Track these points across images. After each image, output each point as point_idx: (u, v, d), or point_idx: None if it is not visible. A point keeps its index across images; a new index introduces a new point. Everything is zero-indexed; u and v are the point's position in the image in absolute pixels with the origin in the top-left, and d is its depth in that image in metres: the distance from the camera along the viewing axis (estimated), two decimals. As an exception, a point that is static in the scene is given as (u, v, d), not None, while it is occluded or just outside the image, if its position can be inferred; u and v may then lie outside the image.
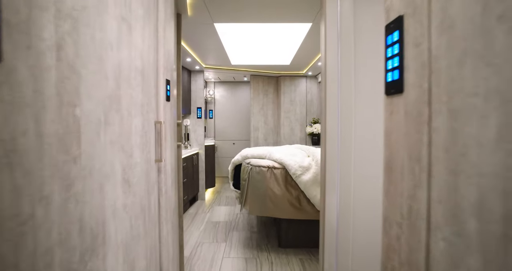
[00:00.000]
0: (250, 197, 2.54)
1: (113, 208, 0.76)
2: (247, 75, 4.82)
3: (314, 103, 4.79)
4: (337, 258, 1.16)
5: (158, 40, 1.16)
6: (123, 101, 0.83)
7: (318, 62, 3.79)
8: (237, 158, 2.89)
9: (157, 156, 1.12)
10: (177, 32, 2.00)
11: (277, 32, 2.98)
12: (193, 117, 4.13)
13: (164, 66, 1.22)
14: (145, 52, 1.01)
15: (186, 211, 3.59)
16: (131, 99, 0.89)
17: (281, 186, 2.47)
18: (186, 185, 3.46)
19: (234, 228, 3.06)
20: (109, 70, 0.74)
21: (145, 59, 1.01)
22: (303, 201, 2.45)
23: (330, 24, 1.22)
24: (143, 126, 0.99)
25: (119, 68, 0.80)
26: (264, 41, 3.30)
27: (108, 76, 0.74)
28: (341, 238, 1.16)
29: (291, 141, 4.78)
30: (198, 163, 4.09)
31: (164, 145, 1.18)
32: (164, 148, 1.18)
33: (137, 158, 0.93)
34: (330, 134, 1.17)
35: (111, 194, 0.75)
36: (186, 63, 3.64)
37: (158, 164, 1.15)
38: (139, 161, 0.95)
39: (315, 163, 2.54)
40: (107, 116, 0.73)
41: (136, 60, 0.93)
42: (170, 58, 1.35)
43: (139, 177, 0.94)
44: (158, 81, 1.16)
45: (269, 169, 2.51)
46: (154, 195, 1.11)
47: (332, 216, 1.21)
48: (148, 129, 1.04)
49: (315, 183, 2.44)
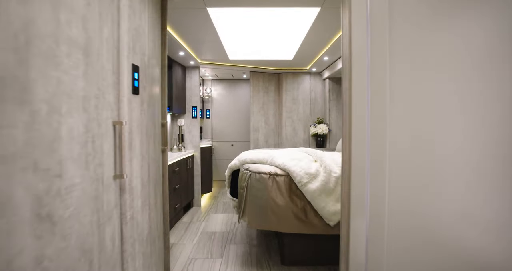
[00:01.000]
0: (249, 208, 2.22)
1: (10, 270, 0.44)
2: (246, 72, 4.49)
3: (318, 102, 4.47)
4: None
5: (120, 10, 0.84)
6: (38, 89, 0.51)
7: (324, 57, 3.46)
8: (234, 163, 2.57)
9: (116, 170, 0.81)
10: (162, 16, 1.68)
11: (279, 21, 2.66)
12: (188, 117, 3.81)
13: (130, 47, 0.90)
14: (91, 21, 0.69)
15: (179, 220, 3.27)
16: (59, 88, 0.57)
17: (285, 196, 2.15)
18: (178, 192, 3.14)
19: (232, 240, 2.75)
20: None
21: (92, 31, 0.69)
22: (310, 213, 2.14)
23: (357, 4, 0.91)
24: (88, 129, 0.67)
25: (24, 34, 0.48)
26: (265, 32, 2.97)
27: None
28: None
29: (293, 142, 4.45)
30: (193, 167, 3.77)
31: (129, 154, 0.87)
32: (129, 158, 0.86)
33: (73, 177, 0.61)
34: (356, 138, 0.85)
35: (6, 243, 0.43)
36: (179, 57, 3.32)
37: (120, 180, 0.83)
38: (78, 182, 0.63)
39: (324, 169, 2.22)
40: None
41: (72, 29, 0.61)
42: (141, 39, 1.03)
43: (77, 206, 0.62)
44: (120, 66, 0.84)
45: (270, 176, 2.19)
46: (112, 225, 0.79)
47: (359, 248, 0.89)
48: (98, 133, 0.72)
49: (324, 192, 2.12)
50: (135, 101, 0.93)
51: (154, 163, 1.31)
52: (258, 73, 4.50)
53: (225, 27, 2.80)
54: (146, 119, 1.07)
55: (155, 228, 1.40)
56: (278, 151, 2.87)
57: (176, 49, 3.02)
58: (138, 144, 0.95)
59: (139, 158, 0.96)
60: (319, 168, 2.23)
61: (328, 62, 3.72)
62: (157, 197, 1.47)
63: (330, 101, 4.28)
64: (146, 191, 1.07)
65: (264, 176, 2.18)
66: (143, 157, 1.01)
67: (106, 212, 0.75)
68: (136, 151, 0.93)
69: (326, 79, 4.33)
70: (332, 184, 2.14)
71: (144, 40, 1.06)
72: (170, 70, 3.29)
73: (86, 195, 0.66)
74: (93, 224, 0.68)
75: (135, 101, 0.92)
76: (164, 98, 1.69)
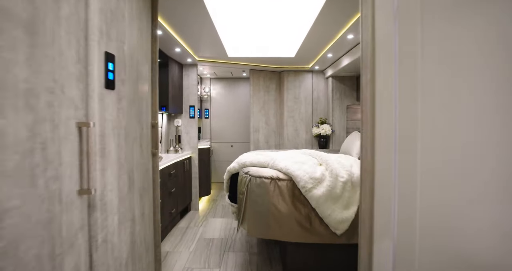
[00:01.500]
0: (249, 215, 2.06)
1: None
2: (246, 70, 4.33)
3: (321, 101, 4.30)
4: None
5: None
6: None
7: (328, 54, 3.29)
8: (233, 166, 2.40)
9: (83, 184, 0.64)
10: (153, 6, 1.52)
11: (281, 14, 2.49)
12: (185, 117, 3.64)
13: (103, 32, 0.74)
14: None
15: (175, 225, 3.11)
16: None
17: (287, 202, 1.99)
18: (175, 196, 2.98)
19: (230, 248, 2.58)
20: None
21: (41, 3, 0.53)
22: (315, 220, 1.97)
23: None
24: (36, 132, 0.51)
25: None
26: (265, 27, 2.81)
27: None
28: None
29: (295, 143, 4.29)
30: (190, 169, 3.60)
31: (101, 162, 0.70)
32: (100, 168, 0.70)
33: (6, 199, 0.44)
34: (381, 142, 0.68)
35: None
36: (176, 54, 3.15)
37: (88, 197, 0.67)
38: (16, 205, 0.46)
39: (329, 173, 2.05)
40: None
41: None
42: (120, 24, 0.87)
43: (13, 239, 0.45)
44: (89, 54, 0.68)
45: (272, 181, 2.02)
46: (76, 254, 0.62)
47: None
48: (53, 137, 0.55)
49: (330, 198, 1.95)
50: (110, 97, 0.76)
51: (140, 169, 1.14)
52: (259, 71, 4.34)
53: (223, 21, 2.64)
54: (126, 119, 0.90)
55: (142, 243, 1.23)
56: (280, 153, 2.70)
57: (172, 45, 2.86)
58: (114, 149, 0.78)
59: (116, 166, 0.80)
60: (324, 172, 2.06)
61: (332, 59, 3.55)
62: (145, 207, 1.30)
63: (333, 101, 4.11)
64: (126, 204, 0.90)
65: (265, 181, 2.02)
66: (122, 164, 0.84)
67: (66, 238, 0.59)
68: (111, 158, 0.76)
69: (329, 78, 4.17)
70: (339, 189, 1.97)
71: (124, 26, 0.90)
72: (166, 68, 3.12)
73: (30, 221, 0.49)
74: (43, 258, 0.52)
75: (109, 98, 0.76)
76: (155, 96, 1.52)
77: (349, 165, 2.17)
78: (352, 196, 2.00)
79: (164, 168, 2.64)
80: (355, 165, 2.21)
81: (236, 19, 2.64)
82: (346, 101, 4.11)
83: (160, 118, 3.28)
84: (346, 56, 3.27)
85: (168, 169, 2.75)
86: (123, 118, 0.85)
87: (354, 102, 4.10)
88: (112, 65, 0.75)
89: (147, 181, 1.20)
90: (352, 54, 3.08)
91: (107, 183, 0.73)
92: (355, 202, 1.98)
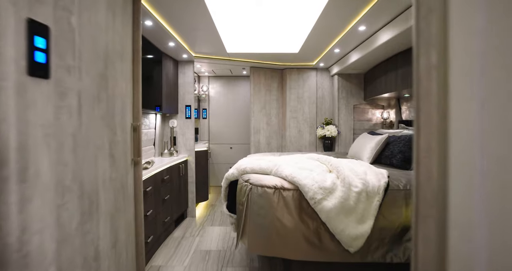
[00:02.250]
0: (250, 229, 1.81)
1: None
2: (246, 67, 4.08)
3: (326, 100, 4.04)
4: None
5: None
6: None
7: (335, 49, 3.04)
8: (232, 172, 2.15)
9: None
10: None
11: (284, 6, 2.24)
12: (181, 117, 3.39)
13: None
14: None
15: (169, 235, 2.86)
16: None
17: (293, 215, 1.75)
18: (169, 203, 2.73)
19: (229, 262, 2.34)
20: None
21: None
22: (325, 236, 1.73)
23: None
24: None
25: None
26: (267, 19, 2.56)
27: None
28: None
29: (298, 145, 4.03)
30: (186, 173, 3.35)
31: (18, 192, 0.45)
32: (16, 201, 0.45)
33: None
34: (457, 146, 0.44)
35: None
36: (170, 49, 2.90)
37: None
38: None
39: (342, 182, 1.80)
40: None
41: None
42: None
43: None
44: None
45: (276, 190, 1.78)
46: None
47: None
48: None
49: (342, 211, 1.71)
50: (40, 90, 0.52)
51: (110, 186, 0.89)
52: (259, 69, 4.08)
53: (222, 13, 2.39)
54: (80, 122, 0.65)
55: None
56: (283, 158, 2.45)
57: (165, 40, 2.60)
58: (47, 167, 0.54)
59: (51, 193, 0.55)
60: (335, 181, 1.81)
61: (339, 55, 3.30)
62: (119, 233, 1.05)
63: (339, 100, 3.86)
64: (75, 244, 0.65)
65: (268, 190, 1.77)
66: (67, 188, 0.60)
67: None
68: (40, 182, 0.52)
69: (335, 76, 3.91)
70: (353, 200, 1.72)
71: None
72: (159, 64, 2.87)
73: None
74: None
75: (39, 91, 0.51)
76: (137, 93, 1.27)
77: (363, 172, 1.92)
78: (367, 208, 1.75)
79: (157, 174, 2.40)
80: (369, 172, 1.96)
81: (235, 11, 2.39)
82: (353, 101, 3.85)
83: (154, 119, 3.02)
84: (355, 51, 3.02)
85: (161, 174, 2.50)
86: (70, 122, 0.61)
87: (361, 101, 3.85)
88: (43, 41, 0.50)
89: (122, 199, 0.95)
90: (362, 49, 2.83)
91: (33, 221, 0.49)
92: (371, 215, 1.73)
